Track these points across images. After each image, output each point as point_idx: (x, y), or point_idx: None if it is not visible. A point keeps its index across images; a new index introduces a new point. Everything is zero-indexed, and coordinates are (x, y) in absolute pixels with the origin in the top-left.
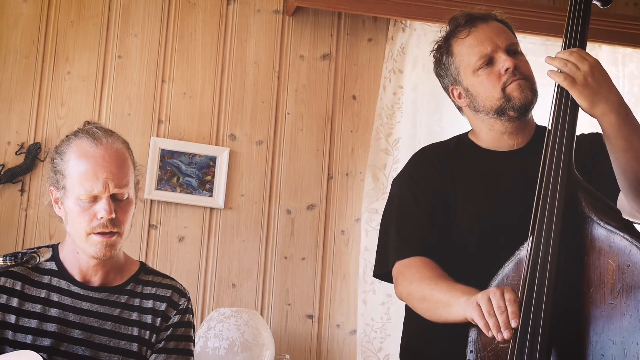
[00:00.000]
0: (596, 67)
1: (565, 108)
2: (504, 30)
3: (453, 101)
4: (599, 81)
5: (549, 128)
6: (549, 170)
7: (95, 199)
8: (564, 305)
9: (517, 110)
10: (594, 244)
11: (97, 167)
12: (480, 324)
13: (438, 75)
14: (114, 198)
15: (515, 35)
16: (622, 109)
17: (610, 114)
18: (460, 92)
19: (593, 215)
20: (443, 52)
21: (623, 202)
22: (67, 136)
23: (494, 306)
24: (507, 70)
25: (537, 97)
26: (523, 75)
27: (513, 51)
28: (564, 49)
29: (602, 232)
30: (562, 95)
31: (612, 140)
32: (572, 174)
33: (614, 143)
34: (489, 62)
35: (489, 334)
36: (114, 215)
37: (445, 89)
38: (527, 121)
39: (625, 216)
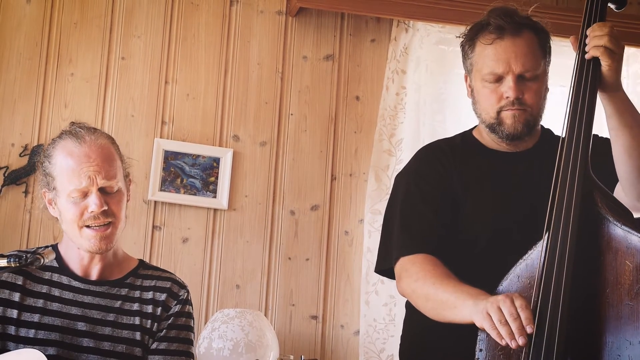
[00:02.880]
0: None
1: (582, 109)
2: (527, 52)
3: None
4: (622, 57)
5: (564, 129)
6: (564, 169)
7: (85, 194)
8: (579, 305)
9: (505, 136)
10: (610, 245)
11: (83, 163)
12: (493, 334)
13: (462, 51)
14: (103, 191)
15: (545, 45)
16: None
17: (622, 89)
18: (469, 84)
19: (610, 216)
20: (468, 41)
21: (619, 194)
22: (52, 139)
23: (506, 314)
24: (507, 97)
25: (531, 130)
26: (523, 106)
27: (526, 78)
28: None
29: (619, 232)
30: (577, 96)
31: (620, 116)
32: (588, 174)
33: (621, 119)
34: (498, 79)
35: (503, 343)
36: (105, 207)
37: (464, 68)
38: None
39: None
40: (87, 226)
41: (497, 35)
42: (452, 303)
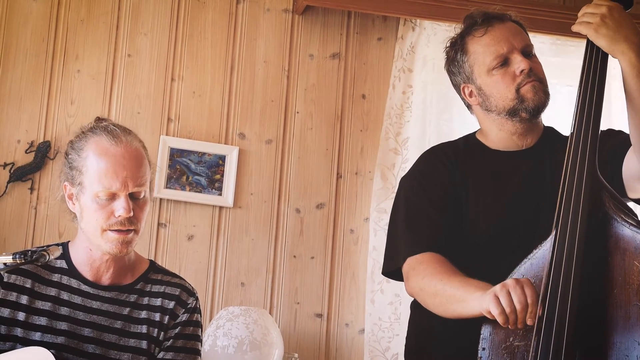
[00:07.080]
0: (615, 9)
1: (590, 107)
2: (520, 32)
3: (463, 99)
4: (619, 21)
5: (572, 129)
6: (572, 169)
7: (113, 196)
8: (586, 305)
9: (529, 111)
10: (618, 245)
11: (117, 166)
12: (500, 320)
13: (450, 72)
14: (131, 196)
15: (529, 37)
16: None
17: (630, 52)
18: (472, 91)
19: (617, 216)
20: (458, 49)
21: (631, 163)
22: (82, 132)
23: (515, 301)
24: (522, 71)
25: (549, 100)
26: (537, 77)
27: (528, 53)
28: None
29: (627, 232)
30: (585, 96)
31: (630, 80)
32: (595, 174)
33: (632, 83)
34: (504, 62)
35: (504, 325)
36: (132, 214)
37: (456, 86)
38: (536, 122)
39: (633, 182)
40: (110, 229)
41: (487, 25)
42: (460, 296)
